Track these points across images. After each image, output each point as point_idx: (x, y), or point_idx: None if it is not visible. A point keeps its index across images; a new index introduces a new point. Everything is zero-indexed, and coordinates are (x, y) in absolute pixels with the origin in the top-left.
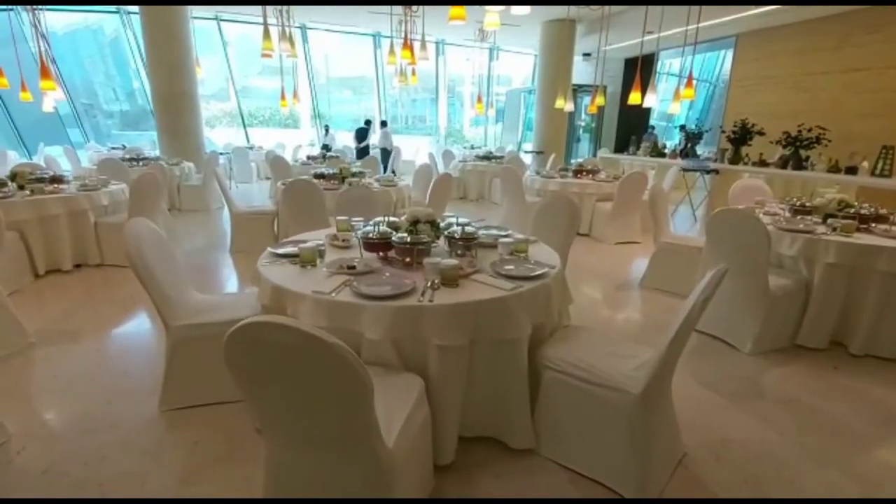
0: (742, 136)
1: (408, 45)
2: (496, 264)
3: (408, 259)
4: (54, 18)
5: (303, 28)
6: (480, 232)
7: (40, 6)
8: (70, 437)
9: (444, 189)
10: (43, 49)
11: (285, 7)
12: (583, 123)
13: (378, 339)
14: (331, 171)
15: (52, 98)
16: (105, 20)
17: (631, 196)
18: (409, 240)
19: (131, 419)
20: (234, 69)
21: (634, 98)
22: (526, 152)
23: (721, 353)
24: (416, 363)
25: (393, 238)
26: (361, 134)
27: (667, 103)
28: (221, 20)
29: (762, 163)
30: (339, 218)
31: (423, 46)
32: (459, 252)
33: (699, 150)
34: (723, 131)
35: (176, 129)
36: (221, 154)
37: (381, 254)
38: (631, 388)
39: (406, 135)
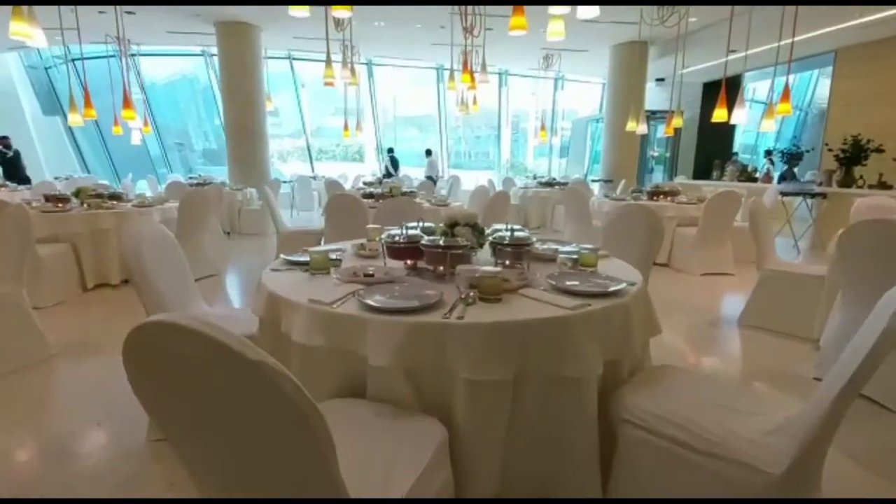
0: (855, 154)
1: (468, 69)
2: (555, 277)
3: (440, 268)
4: (154, 70)
5: (369, 64)
6: (537, 243)
7: (133, 52)
8: (42, 461)
9: (500, 206)
10: (127, 83)
11: (349, 41)
12: (656, 154)
13: (385, 366)
14: (380, 191)
15: (138, 131)
16: (199, 68)
17: (721, 220)
18: (442, 243)
19: (114, 447)
20: (308, 108)
21: (720, 115)
22: (593, 181)
23: (874, 418)
24: (438, 403)
25: (422, 242)
26: (394, 163)
27: (750, 134)
28: (294, 59)
29: (882, 185)
30: (370, 226)
31: (484, 68)
32: (507, 263)
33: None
34: (829, 149)
35: (244, 159)
36: (285, 182)
37: (408, 262)
38: (766, 463)
39: (468, 169)
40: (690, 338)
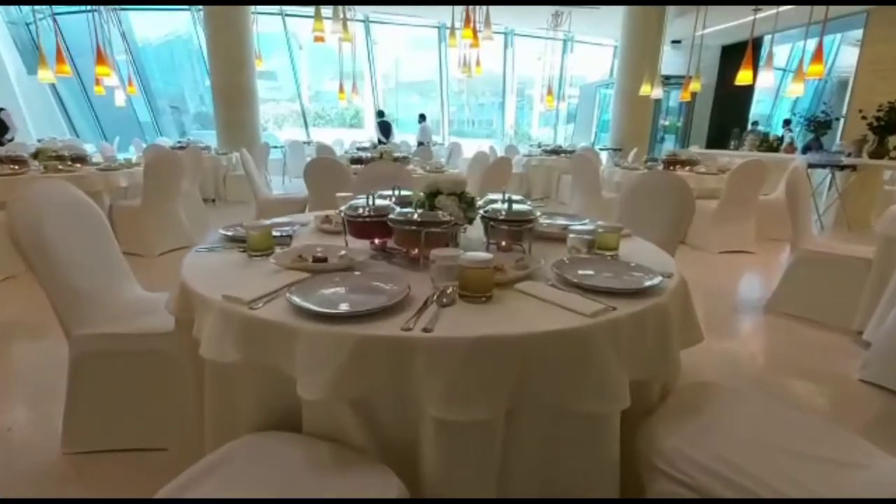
0: (892, 122)
1: (469, 24)
2: (564, 265)
3: (414, 251)
4: (148, 31)
5: (366, 22)
6: (542, 217)
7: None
8: None
9: (501, 174)
10: (100, 38)
11: None
12: (666, 122)
13: (319, 399)
14: (368, 156)
15: (121, 91)
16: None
17: (745, 193)
18: (415, 218)
19: (22, 460)
20: (306, 71)
21: (744, 77)
22: (601, 149)
23: None
24: (400, 443)
25: (391, 216)
26: (385, 128)
27: (764, 104)
28: (286, 15)
29: None
30: (339, 194)
31: (488, 23)
32: (502, 244)
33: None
34: (862, 117)
35: (233, 122)
36: (276, 147)
37: (375, 242)
38: None
39: (470, 137)
40: (712, 327)
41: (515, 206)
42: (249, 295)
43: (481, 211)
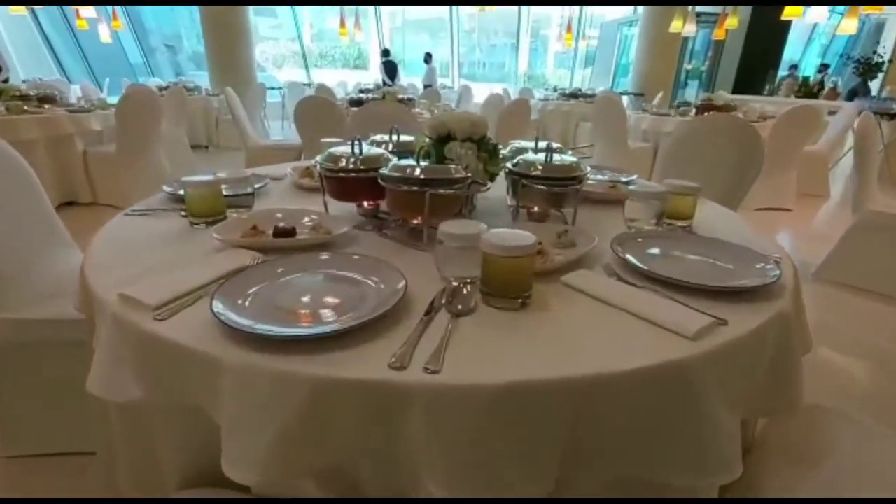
0: None
1: None
2: (626, 244)
3: (415, 220)
4: None
5: None
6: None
7: None
8: None
9: (519, 119)
10: None
11: None
12: (690, 66)
13: (253, 483)
14: (370, 97)
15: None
16: None
17: (791, 142)
18: (417, 174)
19: None
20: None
21: (792, 12)
22: (622, 94)
23: None
24: None
25: (383, 170)
26: (390, 69)
27: (793, 48)
28: None
29: None
30: (325, 139)
31: None
32: (535, 209)
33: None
34: None
35: (226, 61)
36: (273, 89)
37: (365, 205)
38: None
39: (481, 81)
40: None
41: (557, 159)
42: (157, 294)
43: (508, 164)
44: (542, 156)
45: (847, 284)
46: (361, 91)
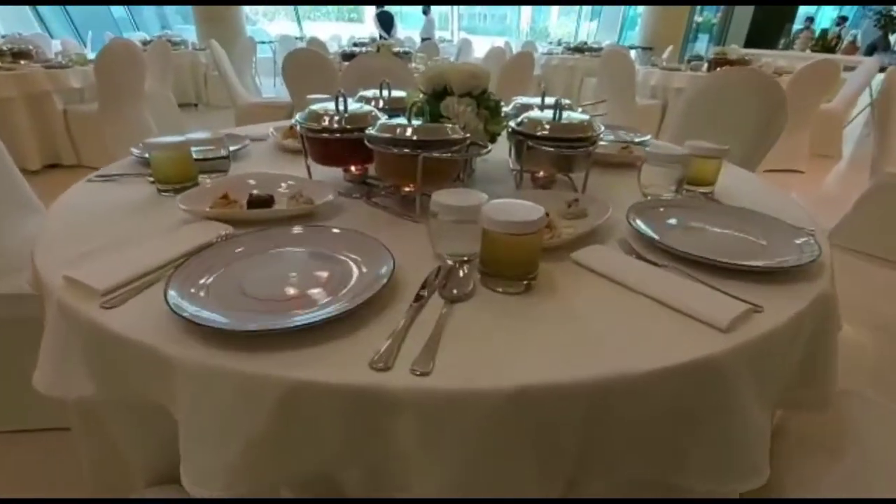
0: None
1: None
2: (644, 213)
3: (407, 188)
4: None
5: None
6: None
7: None
8: None
9: (522, 72)
10: None
11: None
12: (700, 19)
13: (217, 496)
14: (363, 50)
15: None
16: None
17: (808, 99)
18: (409, 135)
19: None
20: None
21: None
22: (630, 48)
23: None
24: None
25: (370, 131)
26: (385, 22)
27: None
28: None
29: None
30: (311, 96)
31: None
32: (540, 174)
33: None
34: None
35: (212, 13)
36: (263, 43)
37: (349, 170)
38: None
39: (482, 34)
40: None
41: (567, 117)
42: (107, 277)
43: (511, 123)
44: (549, 113)
45: (861, 251)
46: (355, 44)
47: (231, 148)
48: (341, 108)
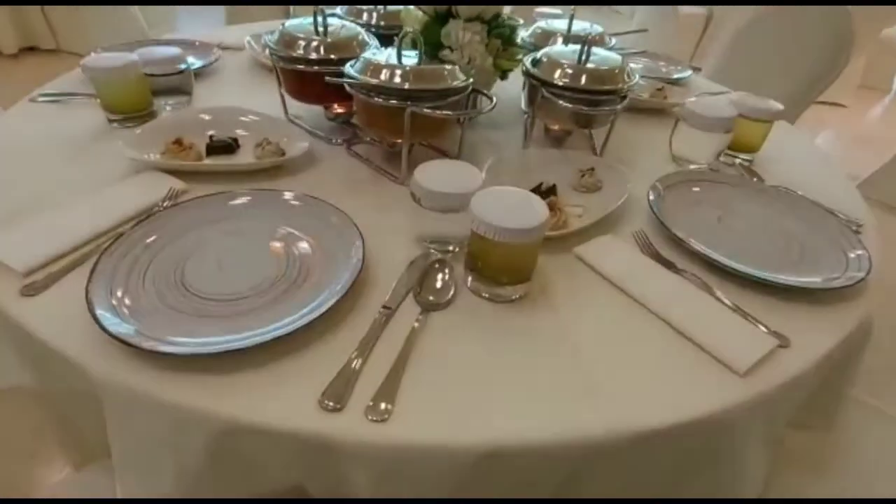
0: None
1: None
2: (669, 194)
3: (393, 142)
4: None
5: None
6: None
7: None
8: None
9: None
10: None
11: None
12: None
13: None
14: None
15: None
16: None
17: (873, 23)
18: (398, 81)
19: None
20: None
21: None
22: None
23: None
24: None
25: (348, 69)
26: None
27: None
28: None
29: None
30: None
31: None
32: (555, 127)
33: None
34: None
35: None
36: None
37: (331, 107)
38: None
39: None
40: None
41: (595, 58)
42: (29, 254)
43: (526, 61)
44: (573, 50)
45: (889, 205)
46: None
47: (198, 63)
48: (321, 29)
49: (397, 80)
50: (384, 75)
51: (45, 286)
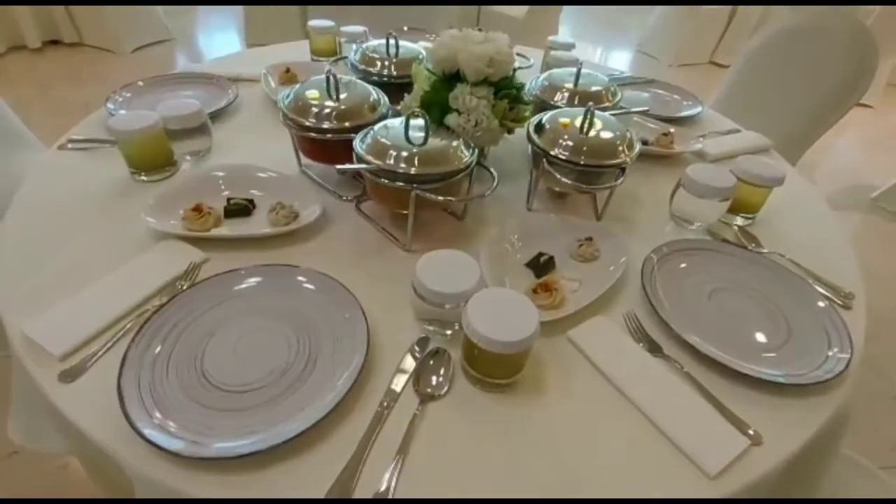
0: None
1: None
2: (661, 269)
3: (401, 212)
4: None
5: None
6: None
7: None
8: None
9: None
10: None
11: None
12: None
13: None
14: None
15: None
16: None
17: None
18: (403, 166)
19: None
20: None
21: None
22: None
23: None
24: None
25: (356, 143)
26: None
27: None
28: None
29: None
30: (313, 24)
31: None
32: (556, 189)
33: None
34: None
35: None
36: None
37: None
38: None
39: None
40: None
41: (598, 124)
42: (64, 335)
43: (531, 125)
44: (577, 114)
45: None
46: None
47: (215, 105)
48: (333, 93)
49: (403, 165)
50: (390, 158)
51: (81, 371)
